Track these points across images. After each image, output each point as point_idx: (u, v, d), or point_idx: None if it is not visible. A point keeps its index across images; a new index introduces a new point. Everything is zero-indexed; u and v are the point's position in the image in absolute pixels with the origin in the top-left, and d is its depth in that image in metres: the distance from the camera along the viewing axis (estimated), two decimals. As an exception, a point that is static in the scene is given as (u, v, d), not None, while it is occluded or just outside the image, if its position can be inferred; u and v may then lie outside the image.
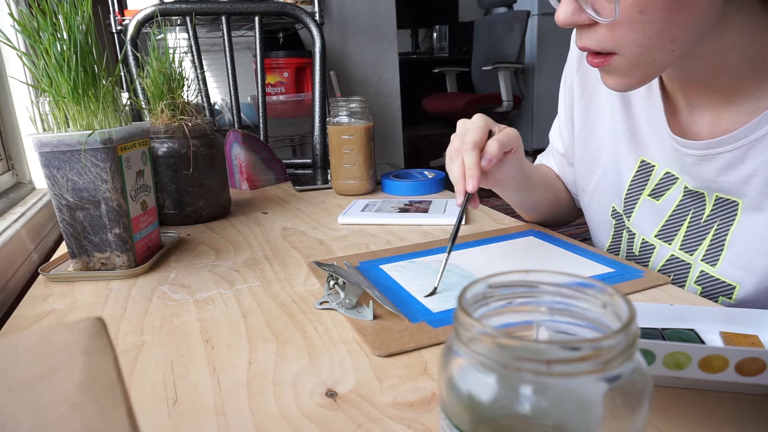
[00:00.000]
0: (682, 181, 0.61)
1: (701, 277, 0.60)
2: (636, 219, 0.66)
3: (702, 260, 0.60)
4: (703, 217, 0.59)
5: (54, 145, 0.60)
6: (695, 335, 0.42)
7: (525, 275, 0.26)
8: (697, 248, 0.60)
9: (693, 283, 0.61)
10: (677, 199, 0.62)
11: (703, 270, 0.59)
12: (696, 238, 0.60)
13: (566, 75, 0.76)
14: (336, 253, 0.70)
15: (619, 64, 0.51)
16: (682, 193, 0.61)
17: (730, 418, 0.35)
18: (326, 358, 0.44)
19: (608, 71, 0.53)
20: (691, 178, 0.59)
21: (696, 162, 0.57)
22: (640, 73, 0.52)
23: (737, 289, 0.57)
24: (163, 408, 0.39)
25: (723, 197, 0.57)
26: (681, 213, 0.62)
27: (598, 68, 0.54)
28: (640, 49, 0.49)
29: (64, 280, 0.64)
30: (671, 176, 0.62)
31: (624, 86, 0.54)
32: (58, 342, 0.21)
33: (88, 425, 0.17)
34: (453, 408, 0.23)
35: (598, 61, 0.52)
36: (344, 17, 2.21)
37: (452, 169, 0.62)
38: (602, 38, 0.50)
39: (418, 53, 4.71)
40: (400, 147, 2.45)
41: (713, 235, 0.58)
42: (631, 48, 0.50)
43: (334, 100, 0.98)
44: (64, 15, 0.59)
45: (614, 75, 0.53)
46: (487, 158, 0.60)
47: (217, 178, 0.87)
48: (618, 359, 0.21)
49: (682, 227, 0.61)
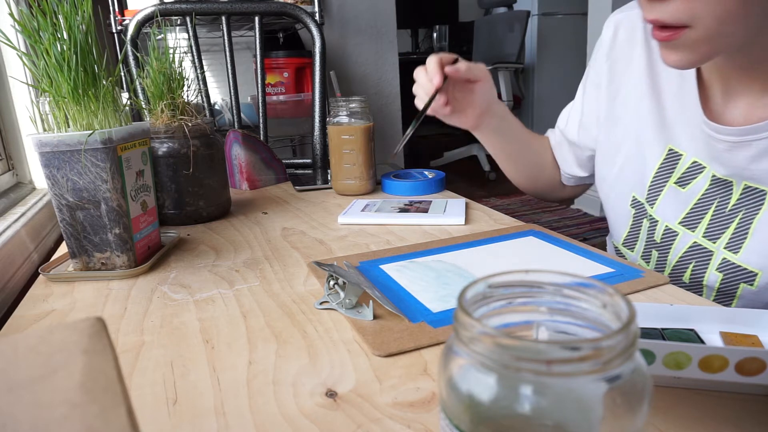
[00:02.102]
0: (710, 170, 0.61)
1: (723, 264, 0.60)
2: (660, 206, 0.67)
3: (725, 248, 0.60)
4: (728, 205, 0.60)
5: (54, 145, 0.60)
6: (695, 335, 0.42)
7: (525, 275, 0.26)
8: (720, 236, 0.60)
9: (714, 270, 0.61)
10: (703, 188, 0.62)
11: (725, 257, 0.60)
12: (720, 226, 0.60)
13: (593, 64, 0.77)
14: (336, 253, 0.70)
15: (688, 38, 0.51)
16: (708, 182, 0.62)
17: (730, 418, 0.35)
18: (326, 358, 0.44)
19: (675, 46, 0.52)
20: (720, 165, 0.60)
21: (728, 148, 0.58)
22: (706, 49, 0.51)
23: (759, 276, 0.57)
24: (163, 408, 0.39)
25: (752, 186, 0.58)
26: (706, 201, 0.62)
27: (664, 42, 0.53)
28: (716, 22, 0.49)
29: (64, 280, 0.64)
30: (699, 165, 0.62)
31: (687, 62, 0.53)
32: (58, 342, 0.21)
33: (88, 425, 0.17)
34: (453, 408, 0.23)
35: (666, 34, 0.52)
36: (344, 17, 2.21)
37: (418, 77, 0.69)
38: (677, 10, 0.50)
39: (418, 53, 4.70)
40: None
41: (738, 223, 0.59)
42: (706, 20, 0.49)
43: (334, 100, 0.98)
44: (64, 15, 0.59)
45: (680, 50, 0.52)
46: (451, 68, 0.65)
47: (217, 178, 0.87)
48: (618, 359, 0.21)
49: (706, 215, 0.62)
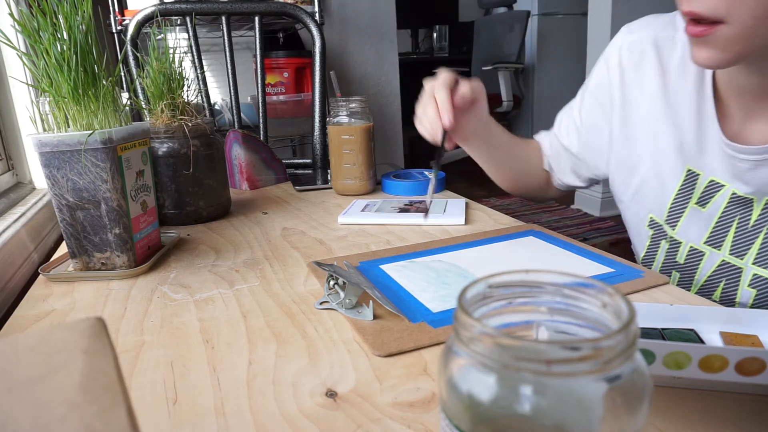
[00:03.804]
0: (730, 188, 0.61)
1: (755, 280, 0.60)
2: (682, 228, 0.66)
3: (753, 263, 0.60)
4: (750, 221, 0.60)
5: (54, 145, 0.60)
6: (695, 335, 0.42)
7: (525, 275, 0.26)
8: (747, 252, 0.60)
9: (747, 286, 0.61)
10: (722, 205, 0.62)
11: (755, 273, 0.60)
12: (746, 241, 0.60)
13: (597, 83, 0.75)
14: (336, 253, 0.70)
15: (721, 35, 0.49)
16: (727, 200, 0.61)
17: (730, 418, 0.35)
18: (326, 358, 0.44)
19: (707, 42, 0.51)
20: (744, 184, 0.59)
21: (752, 167, 0.57)
22: (738, 48, 0.50)
23: None
24: (163, 408, 0.39)
25: None
26: (727, 218, 0.62)
27: (697, 37, 0.52)
28: (753, 20, 0.48)
29: (64, 280, 0.64)
30: (716, 183, 0.62)
31: (717, 61, 0.52)
32: (58, 342, 0.21)
33: (88, 425, 0.17)
34: (453, 408, 0.23)
35: (700, 29, 0.50)
36: (344, 17, 2.21)
37: (426, 111, 0.67)
38: (716, 2, 0.48)
39: (418, 53, 4.70)
40: (400, 147, 2.44)
41: (763, 238, 0.59)
42: (743, 17, 0.48)
43: (334, 100, 0.98)
44: (64, 15, 0.59)
45: (711, 47, 0.51)
46: (459, 96, 0.65)
47: (217, 178, 0.87)
48: (618, 359, 0.21)
49: (729, 232, 0.61)
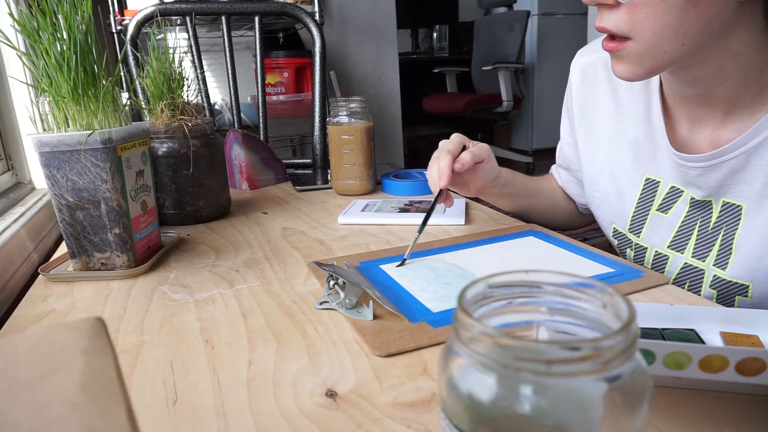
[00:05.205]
0: (688, 193, 0.63)
1: (715, 281, 0.61)
2: (647, 234, 0.69)
3: (714, 265, 0.61)
4: (710, 224, 0.62)
5: (54, 145, 0.60)
6: (695, 335, 0.42)
7: (525, 275, 0.26)
8: (708, 254, 0.62)
9: (708, 287, 0.62)
10: (684, 211, 0.64)
11: (715, 275, 0.61)
12: (707, 244, 0.62)
13: (566, 102, 0.81)
14: (336, 253, 0.70)
15: (631, 50, 0.54)
16: (688, 205, 0.64)
17: (730, 418, 0.35)
18: (326, 358, 0.44)
19: (620, 57, 0.56)
20: (697, 189, 0.62)
21: (701, 173, 0.60)
22: (649, 63, 0.55)
23: (751, 287, 0.59)
24: (163, 408, 0.39)
25: (729, 202, 0.59)
26: (690, 222, 0.64)
27: (611, 53, 0.57)
28: (653, 36, 0.52)
29: (64, 280, 0.64)
30: (677, 189, 0.65)
31: (633, 74, 0.56)
32: (58, 342, 0.21)
33: (88, 425, 0.17)
34: (453, 408, 0.23)
35: (613, 45, 0.56)
36: (344, 17, 2.21)
37: (430, 172, 0.72)
38: (621, 20, 0.53)
39: (418, 53, 4.70)
40: (400, 147, 2.44)
41: (721, 240, 0.61)
42: (645, 34, 0.52)
43: (334, 100, 0.98)
44: (64, 15, 0.59)
45: (625, 62, 0.56)
46: (459, 163, 0.69)
47: (217, 178, 0.87)
48: (618, 359, 0.21)
49: (692, 236, 0.64)
